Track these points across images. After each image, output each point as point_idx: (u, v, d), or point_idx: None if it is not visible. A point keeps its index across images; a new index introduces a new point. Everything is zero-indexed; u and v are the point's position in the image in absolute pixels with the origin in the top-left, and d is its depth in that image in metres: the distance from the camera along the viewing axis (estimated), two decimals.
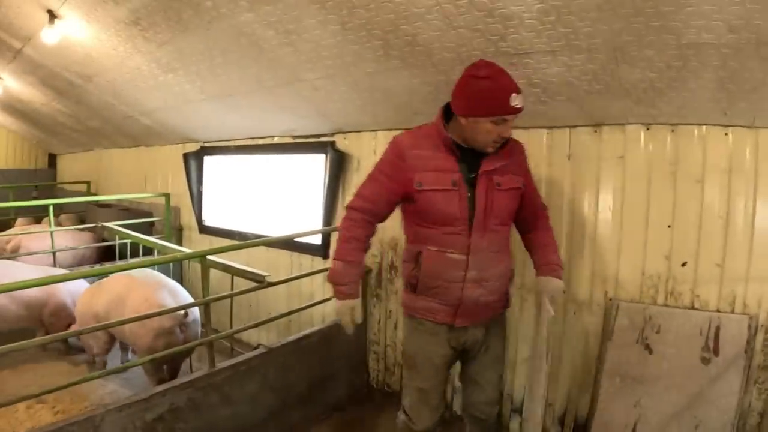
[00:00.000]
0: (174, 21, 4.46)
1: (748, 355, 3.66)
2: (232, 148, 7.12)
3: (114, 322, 3.94)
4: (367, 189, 3.20)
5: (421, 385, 3.35)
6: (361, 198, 3.19)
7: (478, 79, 2.89)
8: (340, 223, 3.25)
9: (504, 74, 2.93)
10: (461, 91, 2.98)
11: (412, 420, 3.39)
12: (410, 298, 3.31)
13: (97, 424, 3.36)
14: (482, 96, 2.88)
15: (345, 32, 3.76)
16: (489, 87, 2.87)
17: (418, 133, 3.17)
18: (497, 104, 2.87)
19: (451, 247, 3.10)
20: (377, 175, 3.18)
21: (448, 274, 3.12)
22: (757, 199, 3.66)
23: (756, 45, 2.83)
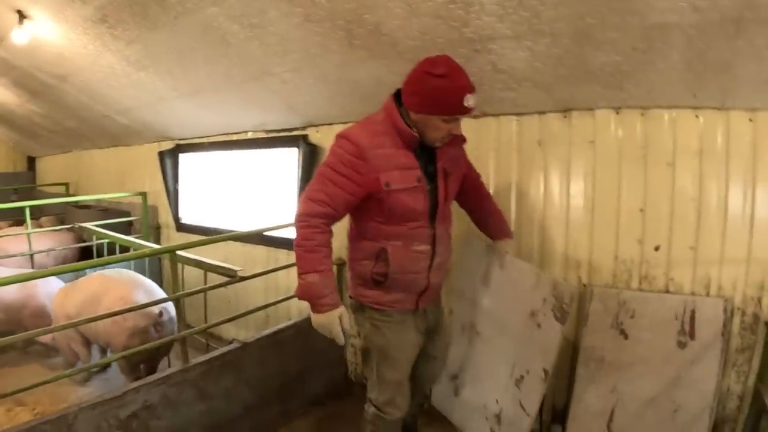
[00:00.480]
0: (140, 17, 4.42)
1: (724, 338, 3.65)
2: (206, 144, 7.07)
3: (84, 320, 3.87)
4: (323, 192, 2.98)
5: (396, 377, 3.39)
6: (318, 202, 2.97)
7: (435, 77, 2.87)
8: (297, 233, 3.02)
9: (460, 73, 2.93)
10: (415, 87, 2.97)
11: (387, 412, 3.42)
12: (377, 293, 3.28)
13: (70, 422, 3.33)
14: (437, 95, 2.89)
15: (309, 24, 3.73)
16: (445, 86, 2.87)
17: (372, 130, 3.06)
18: (451, 104, 2.91)
19: (417, 241, 3.17)
20: (332, 175, 2.99)
21: (416, 266, 3.21)
22: (729, 181, 3.65)
23: (721, 24, 2.81)
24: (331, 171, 2.99)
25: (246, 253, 6.47)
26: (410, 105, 2.99)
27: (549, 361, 3.67)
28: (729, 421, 3.82)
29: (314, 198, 2.98)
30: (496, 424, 4.05)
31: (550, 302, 3.69)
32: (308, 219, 2.97)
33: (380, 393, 3.43)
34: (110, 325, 4.64)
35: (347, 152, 2.98)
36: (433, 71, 2.87)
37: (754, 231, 3.62)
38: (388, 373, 3.38)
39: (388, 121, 3.04)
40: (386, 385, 3.40)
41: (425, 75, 2.90)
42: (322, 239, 2.99)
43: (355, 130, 3.07)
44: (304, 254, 2.99)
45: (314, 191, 3.01)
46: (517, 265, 3.98)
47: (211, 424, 4.14)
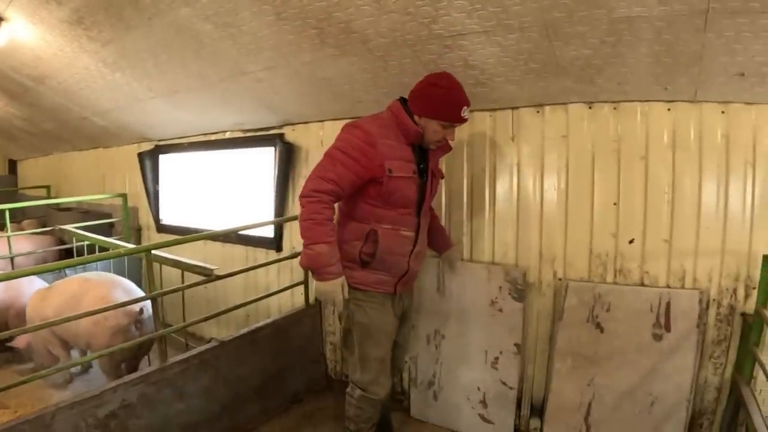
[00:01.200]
0: (116, 19, 4.40)
1: (700, 330, 3.67)
2: (185, 145, 7.03)
3: (63, 319, 3.84)
4: (332, 171, 3.17)
5: (379, 354, 3.58)
6: (327, 180, 3.15)
7: (439, 87, 3.26)
8: (306, 207, 3.15)
9: (460, 89, 3.33)
10: (422, 94, 3.32)
11: (372, 391, 3.59)
12: (362, 274, 3.47)
13: (48, 422, 3.31)
14: (439, 102, 3.27)
15: (280, 22, 3.71)
16: (446, 96, 3.26)
17: (380, 124, 3.33)
18: (450, 112, 3.29)
19: (404, 226, 3.47)
20: (342, 157, 3.19)
21: (401, 248, 3.49)
22: (703, 174, 3.68)
23: (689, 16, 2.81)
24: (341, 153, 3.21)
25: (225, 253, 6.45)
26: (415, 109, 3.33)
27: (518, 336, 4.15)
28: (707, 413, 3.84)
29: (324, 176, 3.16)
30: (483, 409, 4.34)
31: (505, 287, 4.13)
32: (318, 195, 3.14)
33: (364, 372, 3.59)
34: (91, 325, 4.62)
35: (358, 138, 3.23)
36: (438, 83, 3.27)
37: (728, 223, 3.65)
38: (372, 350, 3.56)
39: (393, 119, 3.36)
40: (370, 363, 3.57)
41: (431, 86, 3.29)
42: (329, 214, 3.18)
43: (365, 121, 3.36)
44: (313, 226, 3.15)
45: (324, 170, 3.19)
46: (468, 266, 4.33)
47: (190, 423, 4.12)
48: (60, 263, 4.14)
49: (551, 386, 4.04)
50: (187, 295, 4.84)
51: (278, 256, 5.57)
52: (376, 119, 3.38)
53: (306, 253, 3.19)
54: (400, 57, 3.78)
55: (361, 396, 3.61)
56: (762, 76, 3.19)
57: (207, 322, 4.69)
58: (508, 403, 4.29)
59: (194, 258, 4.88)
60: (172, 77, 5.18)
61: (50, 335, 5.25)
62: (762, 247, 3.55)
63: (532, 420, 4.38)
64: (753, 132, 3.53)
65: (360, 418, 3.70)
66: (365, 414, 3.68)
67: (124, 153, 8.20)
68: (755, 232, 3.60)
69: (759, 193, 3.57)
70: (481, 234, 4.47)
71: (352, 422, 3.73)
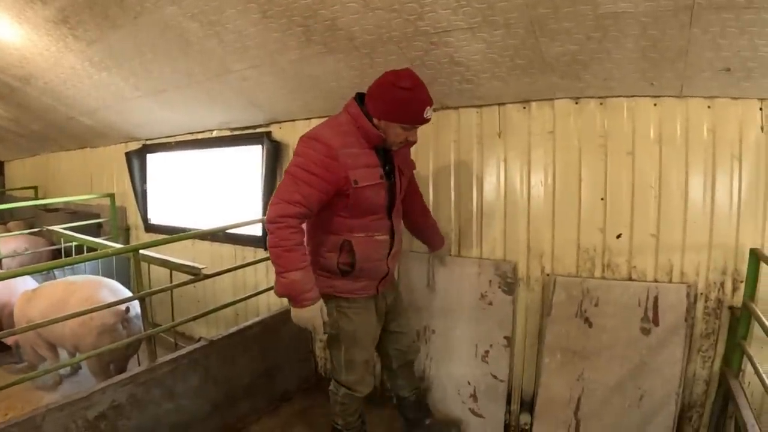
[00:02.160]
0: (101, 18, 4.37)
1: (688, 324, 3.69)
2: (173, 144, 7.01)
3: (47, 321, 3.83)
4: (297, 192, 3.06)
5: (366, 356, 3.63)
6: (293, 203, 3.05)
7: (400, 89, 3.07)
8: (274, 234, 3.06)
9: (423, 88, 3.15)
10: (382, 97, 3.15)
11: (357, 390, 3.64)
12: (343, 282, 3.44)
13: (38, 424, 3.30)
14: (401, 105, 3.11)
15: (266, 20, 3.70)
16: (409, 98, 3.09)
17: (339, 131, 3.20)
18: (413, 115, 3.16)
19: (377, 231, 3.41)
20: (305, 176, 3.07)
21: (377, 253, 3.46)
22: (689, 169, 3.69)
23: (674, 12, 2.82)
24: (304, 172, 3.07)
25: (214, 252, 6.44)
26: (375, 112, 3.18)
27: (508, 329, 4.18)
28: (696, 406, 3.87)
29: (289, 200, 3.05)
30: (474, 403, 4.38)
31: (495, 281, 4.17)
32: (285, 219, 3.04)
33: (349, 374, 3.61)
34: (78, 326, 4.59)
35: (319, 153, 3.08)
36: (399, 84, 3.07)
37: (715, 217, 3.67)
38: (358, 354, 3.57)
39: (353, 123, 3.21)
40: (356, 365, 3.59)
41: (392, 87, 3.10)
42: (299, 238, 3.11)
43: (323, 131, 3.19)
44: (283, 253, 3.07)
45: (288, 192, 3.07)
46: (458, 261, 4.37)
47: (180, 423, 4.11)
48: (48, 264, 4.13)
49: (541, 381, 4.05)
50: (176, 294, 4.83)
51: (266, 255, 5.50)
52: (335, 126, 3.25)
53: (280, 281, 3.13)
54: (386, 54, 3.77)
55: (346, 394, 3.66)
56: (747, 71, 3.20)
57: (196, 322, 4.68)
58: (498, 396, 4.32)
59: (183, 257, 4.87)
60: (158, 76, 5.16)
61: (36, 337, 5.22)
62: (749, 240, 3.57)
63: (522, 415, 4.40)
64: (739, 126, 3.55)
65: (346, 411, 3.75)
66: (351, 407, 3.75)
67: (112, 153, 8.16)
68: (742, 225, 3.61)
69: (745, 188, 3.59)
70: (469, 230, 4.48)
71: (339, 417, 3.79)
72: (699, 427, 3.88)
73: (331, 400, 3.81)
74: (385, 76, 3.16)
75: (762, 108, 3.49)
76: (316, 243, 3.43)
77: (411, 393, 4.17)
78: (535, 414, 4.06)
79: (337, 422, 3.82)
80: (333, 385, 3.75)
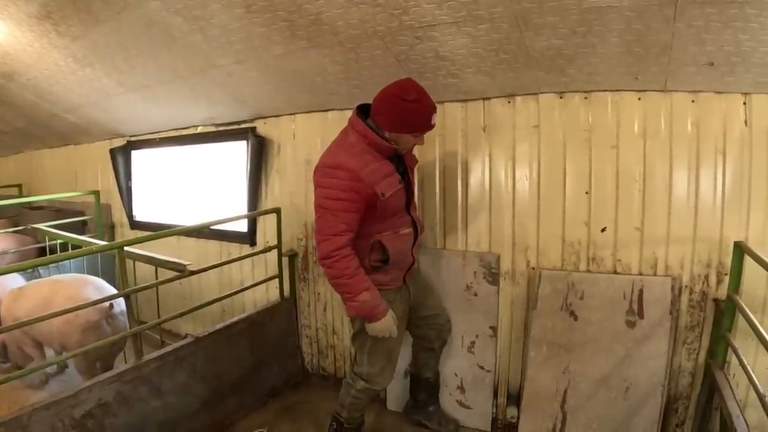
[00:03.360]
0: (85, 13, 4.33)
1: (673, 317, 3.72)
2: (158, 140, 6.94)
3: (33, 320, 3.80)
4: (341, 222, 3.22)
5: (391, 345, 3.72)
6: (341, 234, 3.22)
7: (406, 102, 3.20)
8: (332, 268, 3.27)
9: (427, 96, 3.29)
10: (388, 110, 3.27)
11: (375, 382, 3.77)
12: (375, 276, 3.53)
13: (25, 424, 3.28)
14: (408, 117, 3.26)
15: (250, 15, 3.68)
16: (415, 110, 3.23)
17: (353, 152, 3.29)
18: (421, 124, 3.31)
19: (402, 227, 3.62)
20: (340, 204, 3.22)
21: (405, 246, 3.65)
22: (673, 162, 3.72)
23: (658, 6, 2.83)
24: (336, 201, 3.23)
25: (200, 249, 6.41)
26: (385, 125, 3.30)
27: (493, 319, 4.25)
28: (682, 398, 3.91)
29: (336, 232, 3.23)
30: (461, 395, 4.44)
31: (480, 272, 4.23)
32: (338, 252, 3.23)
33: (371, 365, 3.74)
34: (62, 324, 4.56)
35: (344, 179, 3.21)
36: (404, 97, 3.20)
37: (699, 210, 3.70)
38: (383, 344, 3.67)
39: (363, 141, 3.32)
40: (380, 357, 3.72)
41: (397, 100, 3.22)
42: (356, 263, 3.31)
43: (340, 157, 3.29)
44: (348, 282, 3.29)
45: (331, 227, 3.24)
46: (443, 253, 4.41)
47: (168, 420, 4.11)
48: (32, 262, 4.11)
49: (527, 374, 4.07)
50: (162, 291, 4.81)
51: (252, 251, 5.53)
52: (347, 147, 3.35)
53: (351, 306, 3.36)
54: (371, 49, 3.76)
55: (364, 387, 3.77)
56: (731, 66, 3.22)
57: (183, 319, 4.66)
58: (485, 387, 4.37)
59: (168, 254, 4.83)
60: (142, 72, 5.12)
61: (23, 336, 5.18)
62: (733, 233, 3.61)
63: (509, 408, 4.42)
64: (723, 121, 3.57)
65: (355, 407, 3.87)
66: (361, 404, 3.88)
67: (96, 149, 8.07)
68: (726, 219, 3.64)
69: (729, 181, 3.61)
70: (454, 224, 4.49)
71: (345, 410, 3.89)
72: (685, 419, 3.91)
73: (342, 392, 3.91)
74: (390, 91, 3.27)
75: (746, 102, 3.52)
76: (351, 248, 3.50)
77: (433, 375, 4.36)
78: (522, 407, 4.08)
79: (341, 414, 3.92)
80: (350, 377, 3.86)
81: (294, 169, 5.35)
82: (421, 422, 4.46)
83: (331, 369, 5.42)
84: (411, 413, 4.53)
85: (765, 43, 2.92)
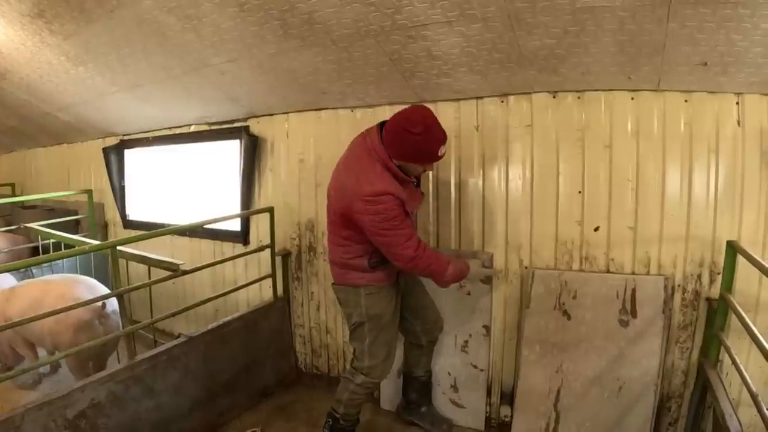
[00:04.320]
0: (77, 12, 4.32)
1: (666, 316, 3.73)
2: (151, 139, 6.91)
3: (25, 320, 3.78)
4: (406, 230, 3.44)
5: (389, 338, 3.88)
6: (411, 237, 3.46)
7: (413, 134, 3.28)
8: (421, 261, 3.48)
9: (435, 129, 3.34)
10: (397, 142, 3.37)
11: (375, 376, 3.87)
12: (373, 274, 3.75)
13: (18, 424, 3.26)
14: (416, 149, 3.35)
15: (243, 14, 3.67)
16: (422, 142, 3.31)
17: (386, 178, 3.41)
18: (428, 156, 3.41)
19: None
20: (396, 222, 3.39)
21: None
22: (666, 162, 3.73)
23: (652, 6, 2.83)
24: (393, 220, 3.39)
25: (193, 248, 6.39)
26: (395, 155, 3.41)
27: (486, 318, 4.26)
28: (675, 397, 3.92)
29: (408, 238, 3.45)
30: (454, 393, 4.45)
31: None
32: (418, 251, 3.47)
33: (372, 358, 3.84)
34: (54, 324, 4.54)
35: (391, 202, 3.37)
36: (412, 130, 3.28)
37: (692, 210, 3.71)
38: (382, 336, 3.83)
39: (389, 171, 3.43)
40: (380, 348, 3.84)
41: (405, 133, 3.30)
42: (430, 251, 3.57)
43: (380, 185, 3.38)
44: (434, 261, 3.56)
45: (401, 237, 3.44)
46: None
47: (160, 420, 4.10)
48: (24, 261, 4.09)
49: (520, 374, 4.08)
50: (155, 291, 4.81)
51: (245, 250, 5.52)
52: (381, 174, 3.44)
53: (446, 280, 3.68)
54: (363, 48, 3.75)
55: (364, 381, 3.85)
56: (724, 66, 3.23)
57: (176, 318, 4.67)
58: (478, 386, 4.38)
59: (162, 254, 4.83)
60: (135, 70, 5.11)
61: (15, 336, 5.16)
62: (726, 233, 3.62)
63: (503, 407, 4.43)
64: (716, 120, 3.59)
65: (352, 402, 3.96)
66: (358, 399, 3.95)
67: (89, 148, 8.05)
68: (719, 218, 3.66)
69: (722, 181, 3.63)
70: (447, 223, 4.50)
71: (342, 405, 3.96)
72: (678, 418, 3.92)
73: (340, 387, 3.98)
74: (399, 122, 3.37)
75: (738, 102, 3.53)
76: (348, 252, 3.73)
77: (424, 373, 4.39)
78: (515, 406, 4.09)
79: (338, 410, 3.99)
80: (349, 372, 3.94)
81: (287, 168, 5.34)
82: (414, 423, 4.48)
83: (325, 368, 5.41)
84: (404, 413, 4.55)
85: (758, 43, 2.93)
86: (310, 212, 5.16)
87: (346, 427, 4.02)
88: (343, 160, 3.65)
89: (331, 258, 3.90)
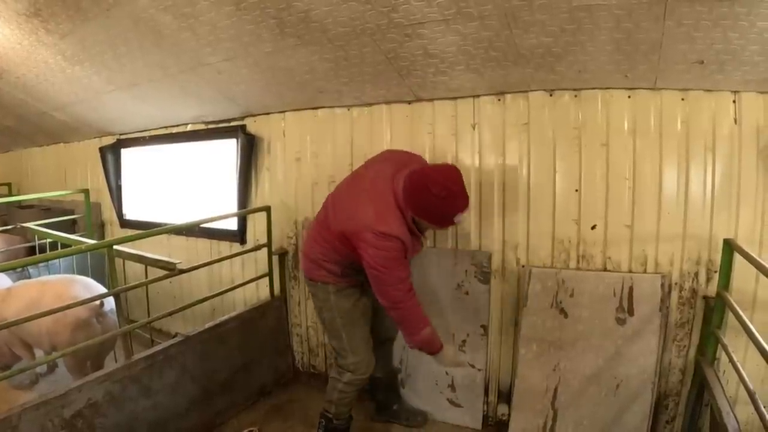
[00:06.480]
0: (73, 10, 4.31)
1: (663, 314, 3.73)
2: (147, 138, 6.90)
3: (21, 319, 3.77)
4: (401, 272, 3.42)
5: (364, 333, 3.91)
6: (405, 280, 3.43)
7: (433, 196, 3.22)
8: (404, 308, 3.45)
9: (458, 195, 3.28)
10: (415, 197, 3.31)
11: (361, 372, 3.87)
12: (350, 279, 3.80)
13: (15, 424, 3.26)
14: (434, 212, 3.30)
15: (239, 12, 3.66)
16: (442, 206, 3.25)
17: (402, 223, 3.40)
18: (445, 221, 3.37)
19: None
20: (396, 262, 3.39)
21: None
22: (663, 160, 3.73)
23: (648, 4, 2.83)
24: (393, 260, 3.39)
25: (190, 247, 6.38)
26: (412, 210, 3.37)
27: (484, 317, 4.26)
28: (672, 395, 3.93)
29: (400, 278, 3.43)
30: (452, 392, 4.45)
31: (471, 271, 4.23)
32: (408, 294, 3.45)
33: (354, 354, 3.85)
34: (52, 323, 4.53)
35: (396, 245, 3.36)
36: (436, 192, 3.21)
37: (689, 208, 3.72)
38: (357, 331, 3.86)
39: (405, 222, 3.41)
40: (358, 344, 3.86)
41: (428, 193, 3.23)
42: (417, 300, 3.51)
43: (393, 226, 3.37)
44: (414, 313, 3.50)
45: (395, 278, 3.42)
46: (434, 252, 4.42)
47: (158, 420, 4.09)
48: (21, 261, 4.08)
49: (517, 372, 4.08)
50: (152, 290, 4.80)
51: (242, 249, 5.53)
52: (399, 217, 3.43)
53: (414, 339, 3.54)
54: (360, 46, 3.75)
55: (351, 379, 3.85)
56: (721, 64, 3.23)
57: (173, 318, 4.66)
58: (476, 385, 4.38)
59: (159, 253, 4.82)
60: (131, 69, 5.10)
61: (11, 337, 5.14)
62: (722, 231, 3.62)
63: (500, 406, 4.43)
64: (712, 119, 3.59)
65: (342, 401, 3.94)
66: (348, 397, 3.94)
67: (86, 148, 8.04)
68: (715, 216, 3.66)
69: (719, 179, 3.63)
70: None
71: (333, 405, 3.97)
72: (675, 416, 3.92)
73: (329, 388, 3.99)
74: (423, 177, 3.31)
75: (735, 100, 3.54)
76: (329, 260, 3.75)
77: (384, 374, 4.45)
78: (513, 405, 4.08)
79: (329, 410, 3.99)
80: (336, 371, 3.94)
81: (284, 166, 5.34)
82: (389, 421, 4.54)
83: (322, 367, 5.41)
84: (377, 416, 4.61)
85: (754, 41, 2.93)
86: (307, 211, 5.15)
87: (340, 426, 4.03)
88: (367, 186, 3.59)
89: (306, 250, 3.92)
